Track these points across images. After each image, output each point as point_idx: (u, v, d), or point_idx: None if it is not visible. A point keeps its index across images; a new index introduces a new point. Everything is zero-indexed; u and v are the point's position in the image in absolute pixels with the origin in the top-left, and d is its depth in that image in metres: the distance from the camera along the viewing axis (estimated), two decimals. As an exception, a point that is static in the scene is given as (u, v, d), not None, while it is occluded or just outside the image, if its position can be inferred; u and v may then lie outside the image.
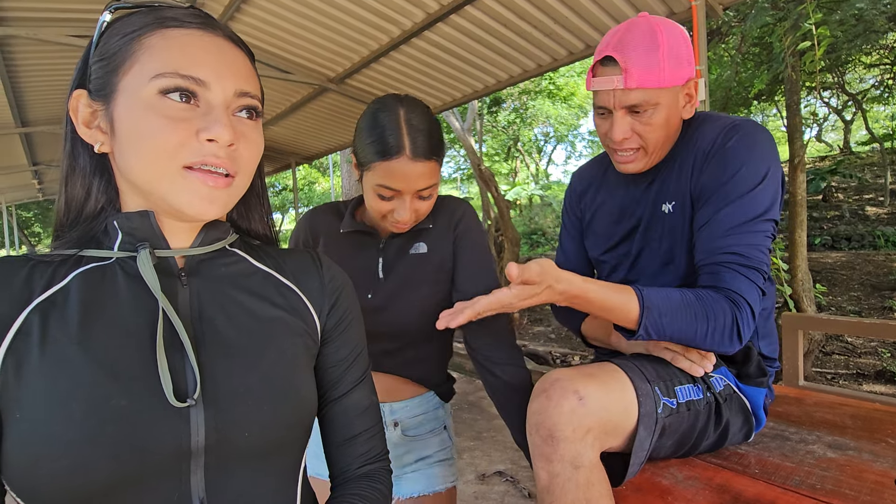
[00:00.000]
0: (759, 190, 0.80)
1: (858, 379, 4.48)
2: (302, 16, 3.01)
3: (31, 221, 16.50)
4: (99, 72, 0.47)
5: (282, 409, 0.50)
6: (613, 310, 0.74)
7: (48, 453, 0.39)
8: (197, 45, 0.47)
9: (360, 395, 0.63)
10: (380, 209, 0.88)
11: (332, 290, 0.61)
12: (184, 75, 0.46)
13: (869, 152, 13.64)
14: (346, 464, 0.62)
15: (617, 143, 0.87)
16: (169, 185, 0.47)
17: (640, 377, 0.78)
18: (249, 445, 0.48)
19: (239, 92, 0.49)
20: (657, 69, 0.80)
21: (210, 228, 0.54)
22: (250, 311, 0.53)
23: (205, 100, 0.47)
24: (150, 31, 0.47)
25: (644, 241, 0.95)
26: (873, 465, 0.80)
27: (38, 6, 2.72)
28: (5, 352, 0.42)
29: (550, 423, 0.70)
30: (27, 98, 3.91)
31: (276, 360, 0.51)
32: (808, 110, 10.93)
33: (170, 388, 0.44)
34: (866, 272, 7.44)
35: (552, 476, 0.70)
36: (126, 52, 0.46)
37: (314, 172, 20.49)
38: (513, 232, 6.24)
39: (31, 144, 5.40)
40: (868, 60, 7.99)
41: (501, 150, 16.36)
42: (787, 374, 1.60)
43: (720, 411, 0.84)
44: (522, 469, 2.61)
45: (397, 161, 0.83)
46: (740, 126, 0.83)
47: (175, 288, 0.50)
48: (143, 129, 0.45)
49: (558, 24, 2.79)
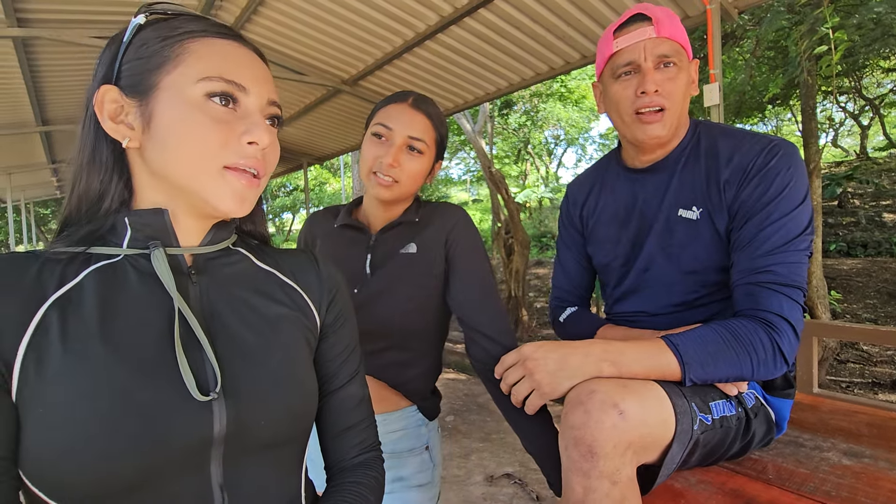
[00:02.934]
0: (801, 209, 0.81)
1: (874, 388, 4.40)
2: (316, 18, 3.04)
3: (48, 218, 16.80)
4: (135, 69, 0.49)
5: (290, 401, 0.53)
6: (653, 374, 0.74)
7: (74, 446, 0.40)
8: (238, 55, 0.51)
9: (355, 388, 0.66)
10: (371, 154, 0.94)
11: (330, 287, 0.64)
12: (229, 80, 0.49)
13: (886, 158, 13.39)
14: (341, 454, 0.64)
15: (647, 98, 0.87)
16: (209, 181, 0.49)
17: (677, 392, 0.75)
18: (263, 435, 0.50)
19: (271, 101, 0.54)
20: (680, 28, 0.89)
21: (219, 228, 0.56)
22: (255, 308, 0.55)
23: (244, 105, 0.51)
24: (194, 37, 0.50)
25: (659, 246, 0.93)
26: (889, 474, 0.80)
27: (61, 8, 2.79)
28: (26, 348, 0.42)
29: (591, 438, 0.67)
30: (48, 97, 3.99)
31: (282, 355, 0.54)
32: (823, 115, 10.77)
33: (192, 384, 0.46)
34: (883, 279, 7.31)
35: (588, 491, 0.67)
36: (168, 54, 0.49)
37: (325, 173, 20.62)
38: (523, 234, 6.23)
39: (51, 142, 5.51)
40: (886, 65, 7.86)
41: (512, 153, 16.34)
42: (801, 382, 1.58)
43: (749, 425, 0.82)
44: (531, 471, 2.61)
45: (397, 105, 0.95)
46: (780, 146, 0.84)
47: (186, 285, 0.52)
48: (189, 127, 0.48)
49: (570, 27, 2.79)
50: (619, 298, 1.04)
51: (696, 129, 0.95)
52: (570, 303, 1.14)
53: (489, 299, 0.96)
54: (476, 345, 0.96)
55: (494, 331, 0.94)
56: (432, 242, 0.97)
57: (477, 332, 0.95)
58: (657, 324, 0.95)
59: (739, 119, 8.65)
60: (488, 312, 0.95)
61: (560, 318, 1.13)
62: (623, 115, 0.92)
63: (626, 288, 1.01)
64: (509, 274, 6.31)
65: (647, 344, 0.76)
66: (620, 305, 1.03)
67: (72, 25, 2.95)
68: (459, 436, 3.17)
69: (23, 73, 3.38)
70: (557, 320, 1.14)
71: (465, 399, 3.81)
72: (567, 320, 1.11)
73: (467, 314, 0.96)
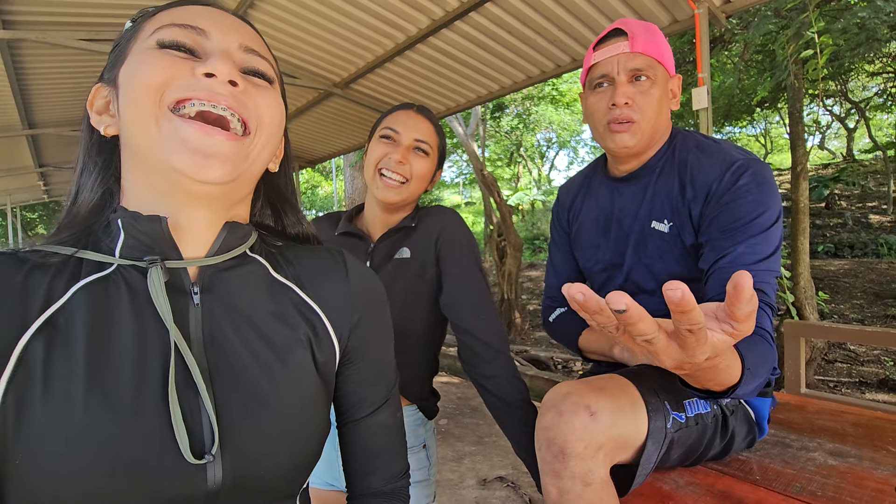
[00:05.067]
0: (774, 229, 0.81)
1: (861, 387, 4.46)
2: (307, 21, 3.03)
3: (35, 223, 16.58)
4: (110, 58, 0.47)
5: (295, 448, 0.47)
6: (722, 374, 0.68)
7: (54, 501, 0.36)
8: (199, 8, 0.46)
9: (384, 416, 0.58)
10: (379, 152, 0.96)
11: (359, 304, 0.55)
12: (181, 24, 0.42)
13: (872, 160, 13.61)
14: (365, 483, 0.58)
15: (617, 111, 0.90)
16: (155, 131, 0.40)
17: (650, 391, 0.77)
18: (261, 487, 0.46)
19: (244, 46, 0.45)
20: (657, 44, 0.91)
21: (231, 230, 0.48)
22: (264, 334, 0.48)
23: (204, 50, 0.43)
24: (156, 12, 0.46)
25: (636, 256, 0.96)
26: (874, 473, 0.81)
27: (48, 10, 2.75)
28: (5, 387, 0.36)
29: (561, 439, 0.69)
30: (34, 100, 3.94)
31: (291, 392, 0.47)
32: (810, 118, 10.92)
33: (186, 445, 0.40)
34: (869, 280, 7.42)
35: (562, 492, 0.68)
36: (131, 33, 0.46)
37: (317, 176, 20.54)
38: (515, 237, 6.24)
39: (38, 146, 5.44)
40: (871, 69, 8.00)
41: (504, 156, 16.38)
42: (788, 382, 1.60)
43: (727, 423, 0.84)
44: (524, 475, 2.61)
45: (404, 112, 1.00)
46: (749, 164, 0.83)
47: (186, 308, 0.45)
48: (133, 75, 0.41)
49: (561, 31, 2.81)
50: None
51: (673, 139, 0.96)
52: (561, 303, 1.16)
53: (479, 302, 0.96)
54: (466, 347, 0.95)
55: (484, 333, 0.93)
56: (424, 246, 0.98)
57: (467, 334, 0.94)
58: None
59: (728, 122, 8.75)
60: (478, 315, 0.95)
61: (550, 319, 1.15)
62: (597, 125, 0.95)
63: (608, 292, 1.02)
64: (502, 277, 6.31)
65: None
66: None
67: (59, 28, 2.92)
68: (452, 439, 3.16)
69: (8, 75, 3.33)
70: (548, 320, 1.16)
71: (457, 402, 3.81)
72: (556, 321, 1.14)
73: (456, 316, 0.96)
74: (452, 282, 0.96)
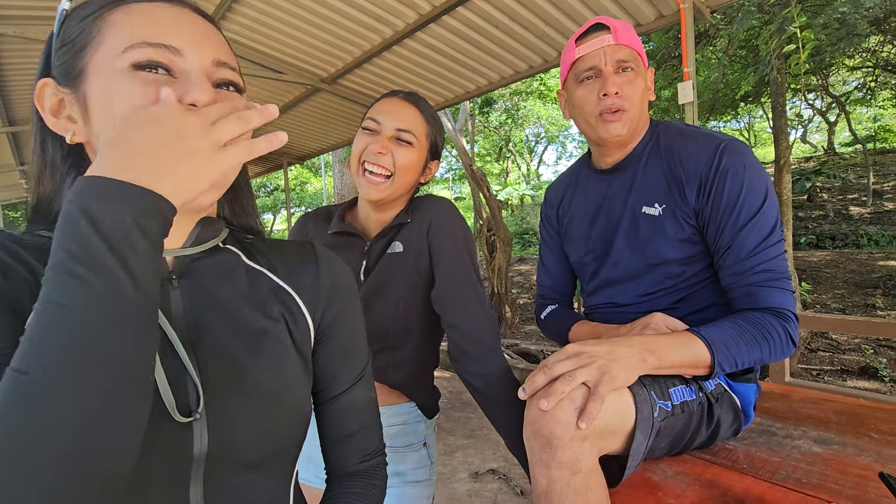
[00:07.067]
0: (766, 206, 0.85)
1: (843, 375, 4.57)
2: (294, 16, 3.00)
3: (18, 221, 16.21)
4: (63, 57, 0.45)
5: (278, 416, 0.49)
6: (687, 362, 0.79)
7: None
8: (167, 15, 0.45)
9: (358, 393, 0.61)
10: (360, 145, 0.93)
11: (328, 287, 0.59)
12: (155, 43, 0.43)
13: (852, 153, 13.89)
14: (342, 461, 0.61)
15: (609, 100, 0.92)
16: None
17: (637, 381, 0.78)
18: (248, 452, 0.48)
19: (217, 61, 0.47)
20: (635, 38, 0.95)
21: (205, 225, 0.51)
22: (243, 315, 0.51)
23: (181, 70, 0.44)
24: (111, 8, 0.44)
25: (625, 241, 0.98)
26: (857, 459, 0.82)
27: (25, 4, 2.68)
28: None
29: (548, 430, 0.70)
30: (14, 97, 3.85)
31: (270, 366, 0.50)
32: (793, 112, 11.10)
33: (172, 405, 0.42)
34: (850, 270, 7.59)
35: (550, 482, 0.70)
36: (89, 33, 0.44)
37: (306, 173, 20.38)
38: (504, 232, 6.27)
39: (19, 144, 5.31)
40: (851, 63, 8.14)
41: (493, 151, 16.41)
42: (773, 371, 1.63)
43: (712, 410, 0.85)
44: (515, 467, 2.63)
45: (387, 100, 0.96)
46: (729, 145, 0.88)
47: (167, 292, 0.48)
48: (115, 100, 0.42)
49: (549, 25, 2.81)
50: (592, 292, 1.08)
51: (655, 129, 0.99)
52: (552, 300, 1.19)
53: (468, 293, 0.92)
54: (453, 344, 0.92)
55: (475, 329, 0.90)
56: (416, 238, 0.94)
57: (454, 328, 0.90)
58: (627, 312, 0.99)
59: (713, 116, 8.85)
60: (470, 309, 0.91)
61: (542, 316, 1.18)
62: (588, 116, 0.96)
63: (598, 282, 1.05)
64: (492, 271, 6.34)
65: (676, 336, 0.82)
66: (594, 298, 1.07)
67: (37, 22, 2.85)
68: (444, 433, 3.18)
69: (-15, 71, 3.25)
70: (540, 318, 1.19)
71: (449, 396, 3.82)
72: (547, 318, 1.17)
73: (445, 310, 0.92)
74: (440, 272, 0.92)
